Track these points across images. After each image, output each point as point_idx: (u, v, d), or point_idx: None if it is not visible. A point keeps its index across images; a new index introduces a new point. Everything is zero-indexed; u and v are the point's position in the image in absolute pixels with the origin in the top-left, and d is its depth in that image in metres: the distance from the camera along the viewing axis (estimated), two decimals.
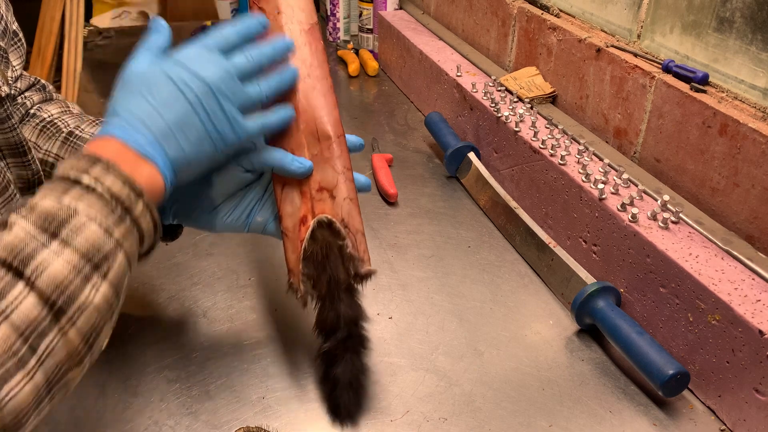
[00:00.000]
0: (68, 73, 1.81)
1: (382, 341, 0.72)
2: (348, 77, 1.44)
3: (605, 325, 0.69)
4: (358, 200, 0.61)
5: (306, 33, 0.60)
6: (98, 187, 0.45)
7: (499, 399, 0.65)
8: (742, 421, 0.61)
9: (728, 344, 0.61)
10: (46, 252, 0.41)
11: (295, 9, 0.60)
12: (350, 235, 0.59)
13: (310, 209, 0.59)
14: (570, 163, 0.82)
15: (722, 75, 0.73)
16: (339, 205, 0.59)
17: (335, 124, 0.60)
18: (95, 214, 0.44)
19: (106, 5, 2.39)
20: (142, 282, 0.80)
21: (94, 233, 0.43)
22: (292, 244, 0.60)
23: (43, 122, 0.66)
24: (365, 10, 1.46)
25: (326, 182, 0.59)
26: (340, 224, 0.59)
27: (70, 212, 0.43)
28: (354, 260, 0.60)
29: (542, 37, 0.99)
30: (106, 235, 0.44)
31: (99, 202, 0.44)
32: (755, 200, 0.67)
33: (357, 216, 0.60)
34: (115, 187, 0.45)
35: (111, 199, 0.45)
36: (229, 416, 0.63)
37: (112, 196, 0.45)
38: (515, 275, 0.83)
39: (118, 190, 0.45)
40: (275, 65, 0.57)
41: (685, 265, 0.64)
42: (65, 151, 0.65)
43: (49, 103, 0.69)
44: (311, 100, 0.59)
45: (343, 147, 0.60)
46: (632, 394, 0.66)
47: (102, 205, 0.45)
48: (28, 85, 0.69)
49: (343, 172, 0.60)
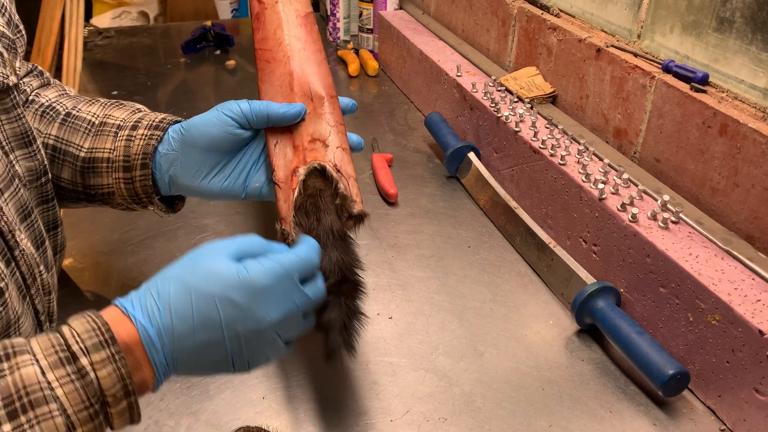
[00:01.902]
0: (68, 73, 1.81)
1: (382, 341, 0.72)
2: (348, 77, 1.44)
3: (605, 325, 0.69)
4: (350, 152, 0.62)
5: (301, 18, 0.67)
6: (90, 375, 0.41)
7: (499, 399, 0.65)
8: (742, 421, 0.61)
9: (728, 344, 0.61)
10: None
11: (292, 0, 0.67)
12: (342, 179, 0.60)
13: (303, 160, 0.60)
14: (570, 163, 0.82)
15: (722, 75, 0.73)
16: (332, 152, 0.60)
17: (328, 87, 0.64)
18: (68, 406, 0.40)
19: (106, 5, 2.39)
20: (141, 282, 0.80)
21: (55, 428, 0.39)
22: (284, 193, 0.60)
23: (42, 107, 0.66)
24: (365, 10, 1.46)
25: (318, 134, 0.61)
26: (332, 168, 0.59)
27: (45, 396, 0.39)
28: (346, 200, 0.59)
29: (542, 37, 0.99)
30: (68, 431, 0.40)
31: (82, 393, 0.41)
32: (755, 200, 0.67)
33: (350, 163, 0.61)
34: (106, 383, 0.42)
35: (95, 393, 0.41)
36: (229, 416, 0.63)
37: (99, 389, 0.41)
38: (515, 275, 0.83)
39: (108, 386, 0.42)
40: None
41: (685, 265, 0.64)
42: (64, 131, 0.65)
43: (46, 88, 0.70)
44: (305, 67, 0.64)
45: (336, 105, 0.63)
46: (632, 394, 0.66)
47: (81, 398, 0.41)
48: (26, 71, 0.69)
49: (336, 125, 0.62)
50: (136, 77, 1.43)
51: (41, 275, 0.56)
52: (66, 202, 0.68)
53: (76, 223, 0.92)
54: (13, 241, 0.52)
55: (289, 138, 0.61)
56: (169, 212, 0.69)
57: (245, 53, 1.58)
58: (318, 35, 0.67)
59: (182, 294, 0.46)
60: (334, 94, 0.64)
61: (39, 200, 0.61)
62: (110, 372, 0.42)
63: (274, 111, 0.61)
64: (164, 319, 0.45)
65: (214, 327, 0.46)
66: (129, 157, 0.64)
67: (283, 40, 0.65)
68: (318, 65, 0.65)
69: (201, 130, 0.62)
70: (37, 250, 0.57)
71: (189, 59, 1.54)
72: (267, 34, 0.66)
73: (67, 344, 0.42)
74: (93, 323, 0.43)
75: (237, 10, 2.08)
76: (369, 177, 1.04)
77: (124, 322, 0.45)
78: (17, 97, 0.57)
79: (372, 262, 0.85)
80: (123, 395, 0.43)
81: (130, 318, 0.45)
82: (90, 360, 0.41)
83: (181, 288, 0.46)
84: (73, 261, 0.85)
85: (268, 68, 0.65)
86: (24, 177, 0.57)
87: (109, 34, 1.71)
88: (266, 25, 0.67)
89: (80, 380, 0.41)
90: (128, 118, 0.66)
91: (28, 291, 0.54)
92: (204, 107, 0.66)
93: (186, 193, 0.66)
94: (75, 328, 0.43)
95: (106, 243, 0.88)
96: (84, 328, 0.43)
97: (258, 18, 0.67)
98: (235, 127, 0.62)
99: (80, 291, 0.80)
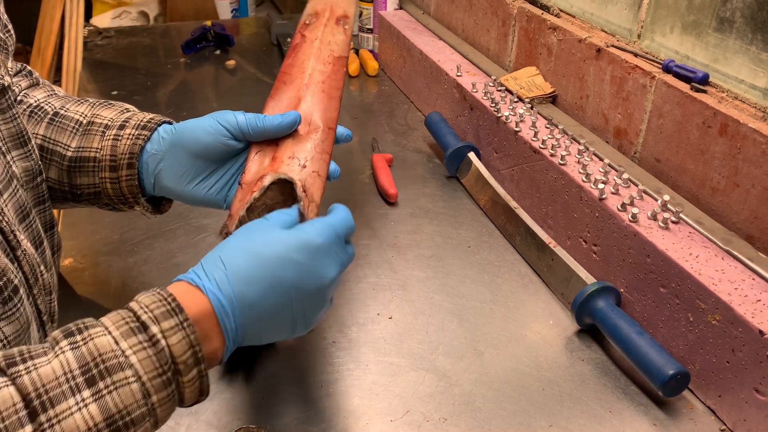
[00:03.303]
0: (68, 73, 1.81)
1: (382, 341, 0.72)
2: (348, 77, 1.44)
3: (605, 325, 0.69)
4: (325, 183, 0.61)
5: (334, 57, 0.67)
6: (161, 342, 0.42)
7: (499, 399, 0.65)
8: (742, 421, 0.61)
9: (728, 344, 0.61)
10: (72, 401, 0.39)
11: (333, 41, 0.69)
12: (306, 200, 0.58)
13: (275, 170, 0.59)
14: (570, 163, 0.82)
15: (722, 75, 0.73)
16: (306, 173, 0.59)
17: (329, 120, 0.64)
18: (143, 372, 0.41)
19: (106, 5, 2.39)
20: (142, 282, 0.80)
21: (132, 394, 0.40)
22: (242, 193, 0.59)
23: (31, 107, 0.66)
24: (365, 10, 1.46)
25: (300, 153, 0.60)
26: (299, 186, 0.58)
27: (120, 363, 0.41)
28: (303, 219, 0.56)
29: (542, 37, 0.99)
30: (144, 398, 0.41)
31: (154, 359, 0.42)
32: (755, 200, 0.67)
33: (319, 190, 0.60)
34: (177, 349, 0.43)
35: (167, 360, 0.42)
36: (229, 416, 0.63)
37: (170, 356, 0.42)
38: (515, 275, 0.83)
39: (179, 353, 0.43)
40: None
41: (685, 265, 0.64)
42: (51, 131, 0.65)
43: (35, 88, 0.69)
44: (316, 97, 0.64)
45: (329, 138, 0.63)
46: (632, 394, 0.66)
47: (155, 365, 0.42)
48: (15, 71, 0.69)
49: (320, 153, 0.61)
50: (136, 77, 1.43)
51: (42, 275, 0.56)
52: (53, 202, 0.67)
53: (75, 223, 0.92)
54: (15, 241, 0.52)
55: (272, 150, 0.61)
56: (156, 213, 0.68)
57: (245, 53, 1.58)
58: (343, 78, 0.67)
59: (249, 261, 0.48)
60: (333, 126, 0.64)
61: (36, 201, 0.61)
62: (180, 339, 0.43)
63: (270, 123, 0.60)
64: (234, 287, 0.46)
65: (283, 288, 0.48)
66: (115, 156, 0.64)
67: (306, 69, 0.66)
68: (329, 100, 0.65)
69: (194, 135, 0.62)
70: (36, 250, 0.57)
71: (189, 59, 1.54)
72: (295, 62, 0.67)
73: (136, 315, 0.43)
74: (159, 295, 0.44)
75: (237, 10, 2.08)
76: (369, 177, 1.04)
77: (193, 293, 0.46)
78: (11, 97, 0.57)
79: (372, 262, 0.85)
80: (194, 363, 0.43)
81: (200, 288, 0.46)
82: (160, 328, 0.42)
83: (247, 255, 0.48)
84: (73, 261, 0.85)
85: (282, 88, 0.65)
86: (21, 178, 0.57)
87: (109, 34, 1.71)
88: (298, 54, 0.67)
89: (152, 347, 0.42)
90: (116, 118, 0.66)
91: (30, 291, 0.54)
92: (204, 107, 0.66)
93: (168, 195, 0.65)
94: (142, 302, 0.44)
95: (106, 243, 0.88)
96: (151, 300, 0.44)
97: (294, 48, 0.68)
98: (229, 138, 0.61)
99: (80, 291, 0.80)
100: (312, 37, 0.68)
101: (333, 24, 0.69)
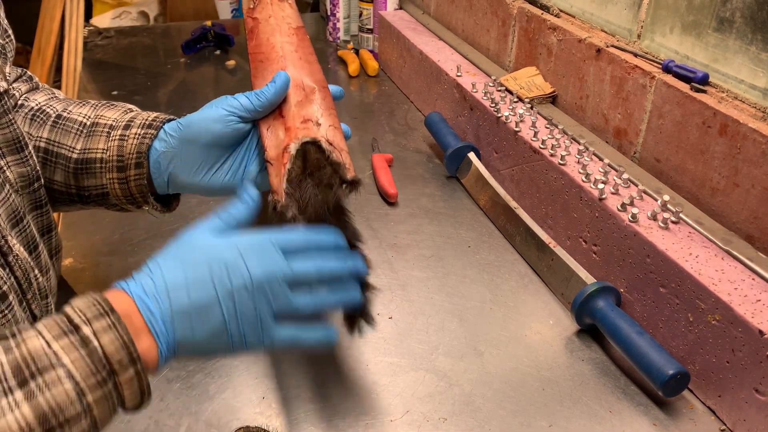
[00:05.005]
0: (68, 73, 1.81)
1: (382, 341, 0.72)
2: (348, 77, 1.44)
3: (605, 325, 0.69)
4: (342, 132, 0.63)
5: (293, 29, 0.70)
6: (94, 342, 0.42)
7: (499, 399, 0.65)
8: (742, 421, 0.61)
9: (728, 344, 0.61)
10: (4, 402, 0.39)
11: (285, 15, 0.71)
12: (335, 151, 0.60)
13: (295, 137, 0.60)
14: (570, 163, 0.82)
15: (722, 75, 0.73)
16: (324, 129, 0.61)
17: (319, 81, 0.66)
18: (76, 371, 0.41)
19: (106, 5, 2.39)
20: None
21: (65, 394, 0.40)
22: (275, 169, 0.60)
23: (32, 111, 0.66)
24: (365, 10, 1.46)
25: (310, 115, 0.62)
26: (325, 142, 0.60)
27: (52, 363, 0.41)
28: (340, 167, 0.59)
29: (542, 37, 0.99)
30: (78, 397, 0.41)
31: (87, 359, 0.42)
32: (755, 200, 0.67)
33: (342, 140, 0.62)
34: (110, 349, 0.43)
35: (100, 359, 0.42)
36: (229, 416, 0.63)
37: (104, 356, 0.42)
38: (515, 275, 0.83)
39: (111, 352, 0.43)
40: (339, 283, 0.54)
41: (685, 265, 0.64)
42: (55, 134, 0.65)
43: (35, 92, 0.69)
44: (297, 65, 0.66)
45: (327, 94, 0.65)
46: (632, 394, 0.66)
47: (87, 364, 0.42)
48: (16, 76, 0.69)
49: (327, 109, 0.63)
50: (136, 77, 1.43)
51: (36, 279, 0.56)
52: (59, 205, 0.67)
53: (75, 223, 0.92)
54: (6, 246, 0.52)
55: (281, 122, 0.62)
56: (165, 212, 0.69)
57: (245, 53, 1.58)
58: (310, 45, 0.69)
59: (174, 261, 0.49)
60: (325, 86, 0.66)
61: (32, 206, 0.61)
62: (112, 339, 0.43)
63: (269, 91, 0.61)
64: (158, 287, 0.47)
65: (205, 282, 0.48)
66: (123, 156, 0.64)
67: (276, 44, 0.67)
68: (310, 64, 0.67)
69: (203, 126, 0.62)
70: (30, 254, 0.57)
71: (189, 59, 1.54)
72: (260, 41, 0.69)
73: (69, 318, 0.43)
74: (92, 298, 0.45)
75: (237, 10, 2.08)
76: (369, 177, 1.04)
77: (121, 296, 0.47)
78: (8, 102, 0.57)
79: (372, 263, 0.84)
80: (129, 362, 0.43)
81: (126, 292, 0.47)
82: (92, 329, 0.43)
83: (173, 257, 0.49)
84: (73, 261, 0.85)
85: (262, 66, 0.67)
86: (16, 183, 0.57)
87: (109, 34, 1.71)
88: (259, 35, 0.69)
89: (84, 348, 0.42)
90: (120, 118, 0.66)
91: (24, 296, 0.54)
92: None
93: (185, 190, 0.66)
94: (76, 306, 0.44)
95: (106, 243, 0.88)
96: (84, 303, 0.44)
97: (252, 31, 0.70)
98: (237, 121, 0.62)
99: (80, 291, 0.80)
100: (264, 16, 0.71)
101: (277, 2, 0.73)
